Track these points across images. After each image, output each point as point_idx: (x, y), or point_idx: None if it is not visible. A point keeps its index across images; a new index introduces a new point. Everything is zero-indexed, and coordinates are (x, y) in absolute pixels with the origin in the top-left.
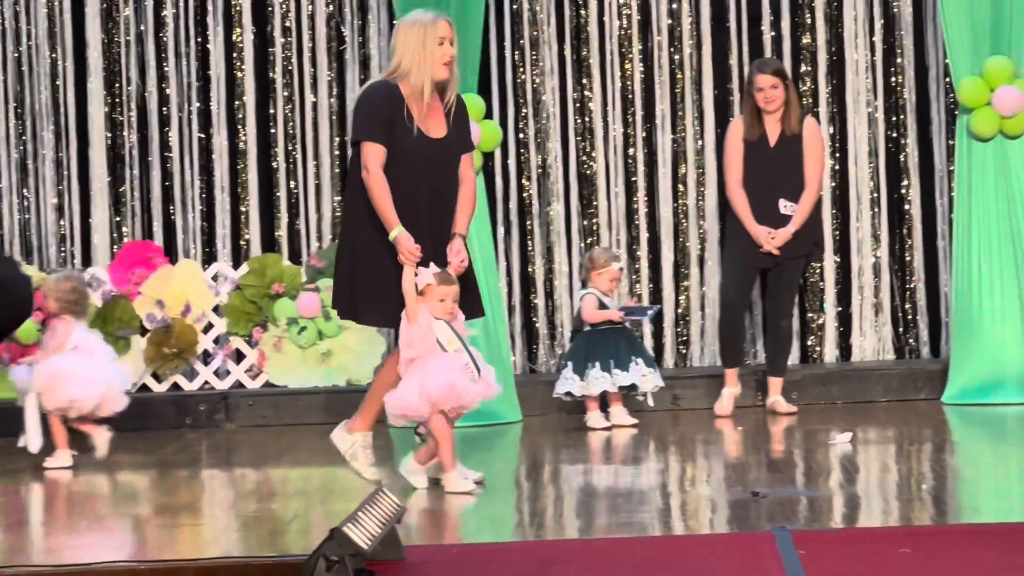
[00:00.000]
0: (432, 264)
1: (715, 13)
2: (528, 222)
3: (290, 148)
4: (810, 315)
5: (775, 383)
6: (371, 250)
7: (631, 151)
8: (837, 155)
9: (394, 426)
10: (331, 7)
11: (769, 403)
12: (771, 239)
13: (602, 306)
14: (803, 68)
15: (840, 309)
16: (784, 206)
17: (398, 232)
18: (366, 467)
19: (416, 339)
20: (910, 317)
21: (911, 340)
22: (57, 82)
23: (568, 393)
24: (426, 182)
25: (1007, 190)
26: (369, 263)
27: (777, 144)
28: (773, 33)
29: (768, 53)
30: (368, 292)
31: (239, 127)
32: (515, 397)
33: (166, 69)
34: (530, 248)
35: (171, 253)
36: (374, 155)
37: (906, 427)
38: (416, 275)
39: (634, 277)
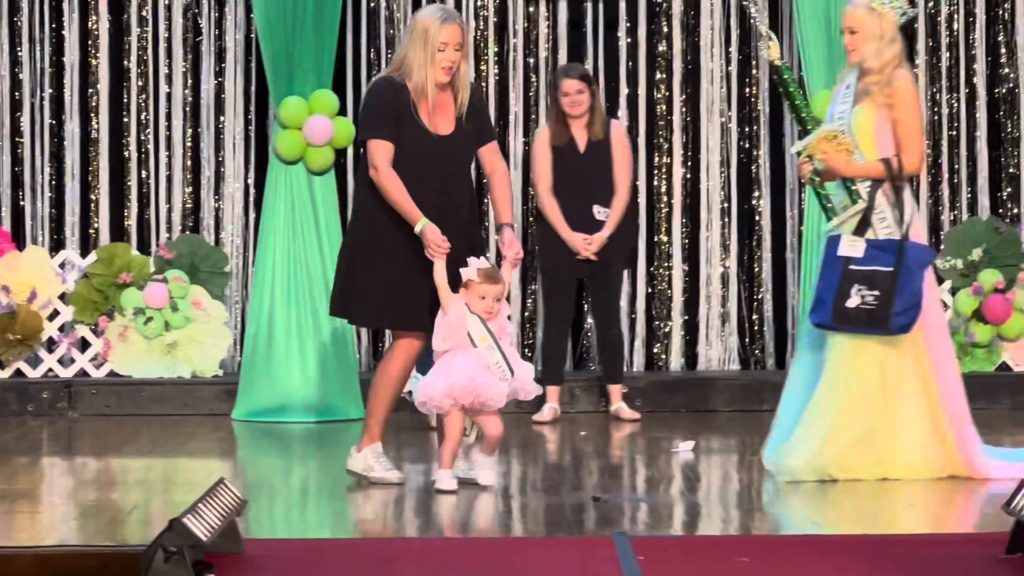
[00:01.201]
0: (471, 260)
1: (571, 18)
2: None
3: (142, 138)
4: (656, 323)
5: (615, 390)
6: (368, 247)
7: None
8: (689, 163)
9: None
10: None
11: (612, 410)
12: (588, 245)
13: None
14: (658, 76)
15: (687, 318)
16: (598, 212)
17: (424, 225)
18: (386, 473)
19: (447, 332)
20: (756, 328)
21: (757, 351)
22: None
23: (410, 392)
24: (433, 179)
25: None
26: (366, 260)
27: (587, 150)
28: (629, 40)
29: (624, 59)
30: (363, 290)
31: (92, 115)
32: (359, 394)
33: (20, 54)
34: None
35: (19, 239)
36: (381, 152)
37: (749, 437)
38: (466, 265)
39: None
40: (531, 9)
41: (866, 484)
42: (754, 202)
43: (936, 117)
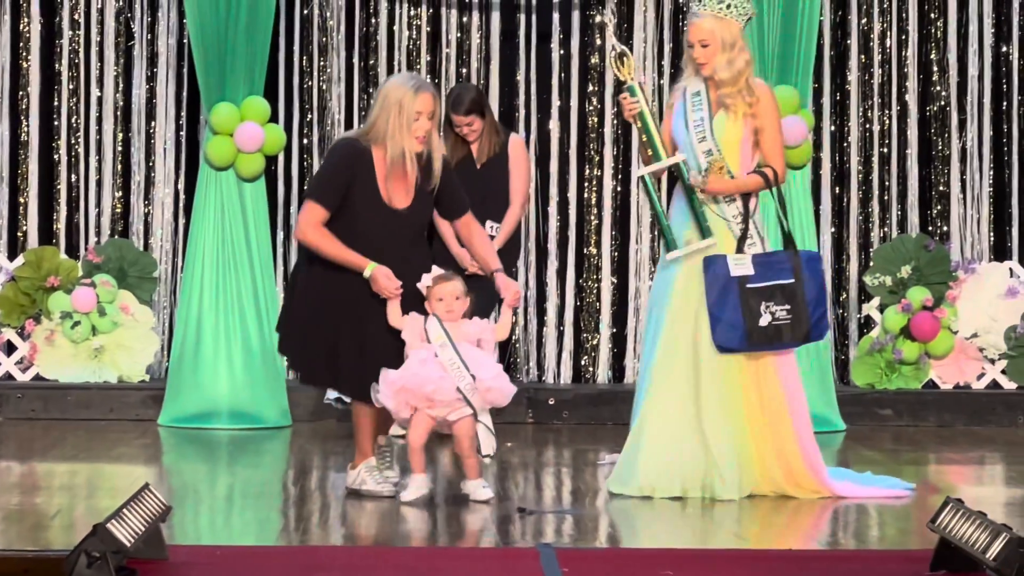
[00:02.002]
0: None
1: (504, 29)
2: None
3: (73, 141)
4: (584, 335)
5: None
6: (322, 310)
7: None
8: (620, 176)
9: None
10: (121, 2)
11: None
12: (473, 261)
13: None
14: (590, 88)
15: (615, 330)
16: (490, 227)
17: (372, 269)
18: (377, 486)
19: (408, 336)
20: None
21: None
22: None
23: (339, 399)
24: (383, 250)
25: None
26: (315, 321)
27: (483, 166)
28: (562, 51)
29: (556, 71)
30: (320, 352)
31: (22, 118)
32: (286, 402)
33: None
34: None
35: None
36: (312, 215)
37: None
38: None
39: None
40: (464, 19)
41: (796, 501)
42: None
43: (868, 134)
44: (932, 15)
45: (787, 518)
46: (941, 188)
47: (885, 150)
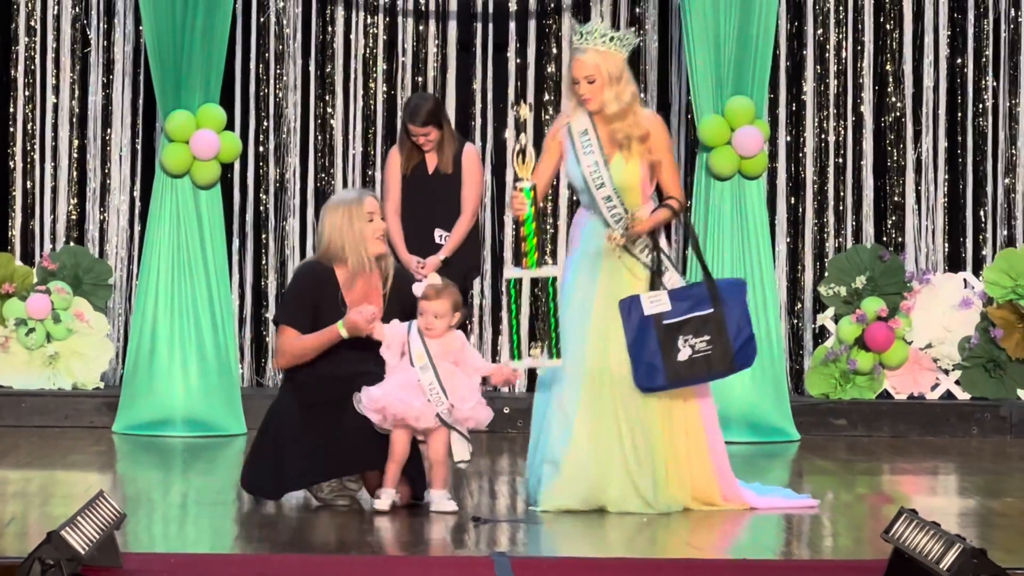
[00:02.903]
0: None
1: (461, 38)
2: (263, 235)
3: (28, 148)
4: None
5: None
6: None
7: (370, 171)
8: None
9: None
10: (77, 9)
11: None
12: (421, 268)
13: None
14: (547, 97)
15: None
16: (439, 236)
17: (343, 321)
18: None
19: (391, 339)
20: None
21: None
22: None
23: None
24: (347, 359)
25: (742, 230)
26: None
27: (434, 173)
28: (518, 60)
29: (512, 80)
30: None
31: None
32: (240, 409)
33: None
34: (264, 262)
35: None
36: (286, 338)
37: None
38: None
39: None
40: (421, 28)
41: (751, 512)
42: None
43: (823, 144)
44: (888, 26)
45: (740, 528)
46: (896, 199)
47: (840, 160)
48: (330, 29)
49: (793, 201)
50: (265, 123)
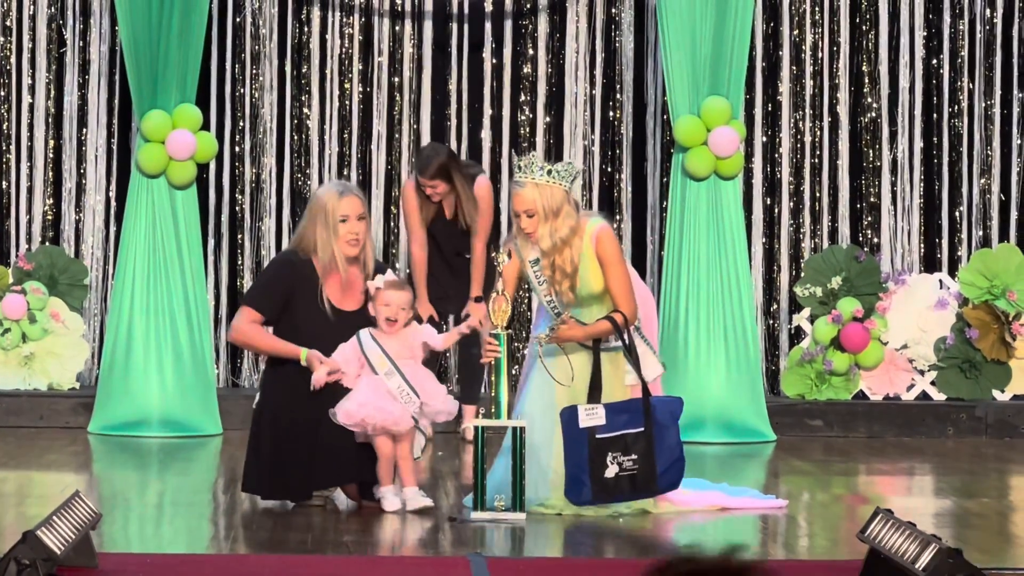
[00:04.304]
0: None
1: (437, 38)
2: (239, 236)
3: (4, 148)
4: (516, 344)
5: (469, 410)
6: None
7: (346, 171)
8: None
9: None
10: (53, 9)
11: (461, 429)
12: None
13: None
14: (523, 98)
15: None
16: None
17: (307, 353)
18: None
19: (348, 355)
20: None
21: None
22: None
23: None
24: (328, 354)
25: (718, 230)
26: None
27: (453, 216)
28: (494, 61)
29: (488, 80)
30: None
31: None
32: (216, 410)
33: None
34: (240, 262)
35: None
36: (243, 317)
37: None
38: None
39: None
40: (396, 28)
41: (727, 513)
42: (615, 226)
43: (799, 145)
44: (863, 27)
45: (717, 527)
46: (872, 199)
47: (816, 161)
48: (306, 29)
49: (769, 202)
50: (241, 123)
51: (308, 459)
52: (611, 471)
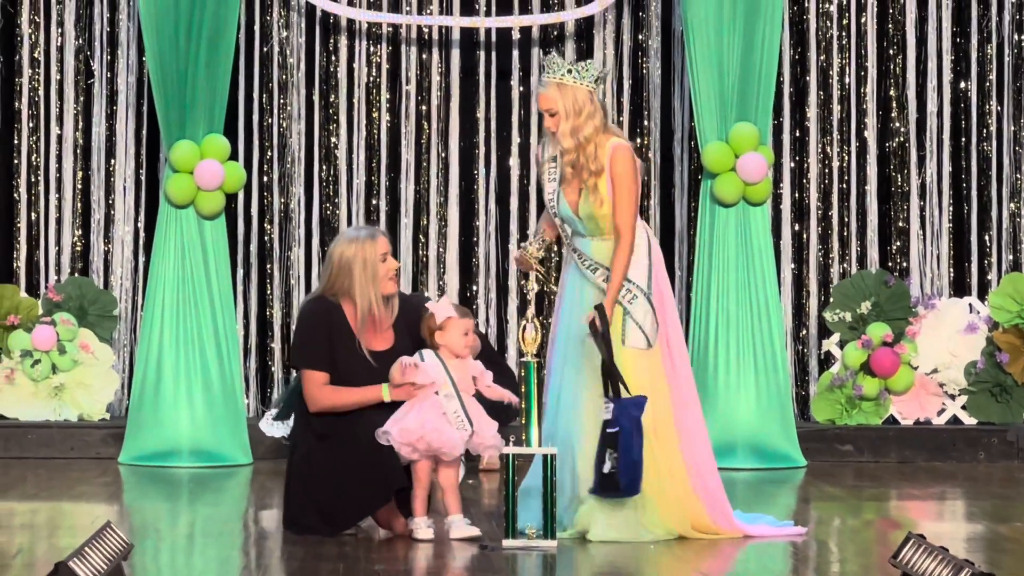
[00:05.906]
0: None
1: (464, 66)
2: (268, 266)
3: (32, 179)
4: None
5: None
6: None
7: (374, 200)
8: None
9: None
10: (80, 40)
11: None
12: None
13: None
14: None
15: None
16: None
17: (385, 387)
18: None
19: (432, 374)
20: None
21: None
22: None
23: (284, 437)
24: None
25: (747, 256)
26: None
27: None
28: (521, 88)
29: (516, 108)
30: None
31: None
32: (246, 439)
33: None
34: (268, 292)
35: None
36: (315, 383)
37: None
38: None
39: None
40: (424, 57)
41: (756, 540)
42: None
43: (827, 170)
44: (891, 51)
45: (747, 554)
46: (900, 224)
47: (844, 186)
48: (333, 58)
49: (797, 227)
50: (269, 153)
51: (347, 488)
52: (607, 467)
